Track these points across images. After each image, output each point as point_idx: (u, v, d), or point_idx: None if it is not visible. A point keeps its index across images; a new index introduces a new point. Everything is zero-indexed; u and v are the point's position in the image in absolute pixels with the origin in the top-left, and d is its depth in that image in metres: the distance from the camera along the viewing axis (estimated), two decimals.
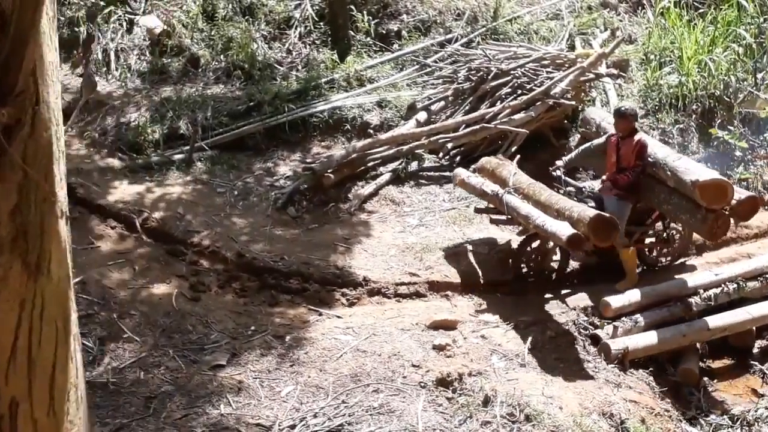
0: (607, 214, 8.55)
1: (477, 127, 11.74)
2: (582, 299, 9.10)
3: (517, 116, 11.86)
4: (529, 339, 8.16)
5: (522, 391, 7.16)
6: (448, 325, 8.36)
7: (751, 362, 8.98)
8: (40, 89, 1.59)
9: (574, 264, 9.68)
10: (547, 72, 12.61)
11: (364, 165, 11.47)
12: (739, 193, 8.91)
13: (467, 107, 12.44)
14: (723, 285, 9.16)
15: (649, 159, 9.18)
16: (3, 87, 1.44)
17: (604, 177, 9.46)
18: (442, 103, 12.71)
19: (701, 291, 9.03)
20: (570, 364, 7.97)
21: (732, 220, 9.06)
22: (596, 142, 9.84)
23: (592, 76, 12.74)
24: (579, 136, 11.97)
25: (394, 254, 9.77)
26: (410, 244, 9.96)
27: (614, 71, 13.22)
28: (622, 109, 9.39)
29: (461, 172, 10.28)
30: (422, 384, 7.21)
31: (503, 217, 9.52)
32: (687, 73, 12.71)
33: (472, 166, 10.52)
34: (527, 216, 8.90)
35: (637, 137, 9.22)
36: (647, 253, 9.79)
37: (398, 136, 11.83)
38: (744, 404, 8.29)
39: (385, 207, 10.97)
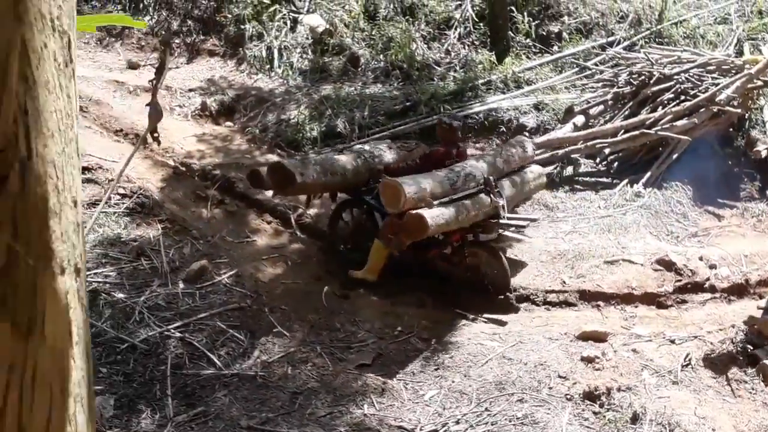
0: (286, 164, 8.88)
1: (636, 132, 11.45)
2: None
3: (679, 123, 11.49)
4: (683, 356, 7.86)
5: (673, 409, 6.90)
6: (597, 337, 8.15)
7: None
8: (32, 143, 1.50)
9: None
10: (713, 78, 12.17)
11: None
12: (414, 209, 8.17)
13: (627, 112, 12.18)
14: None
15: None
16: None
17: None
18: (601, 107, 12.49)
19: None
20: (725, 384, 7.62)
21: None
22: None
23: (760, 83, 12.20)
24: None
25: (544, 260, 9.61)
26: (562, 250, 9.78)
27: None
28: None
29: None
30: (568, 396, 7.06)
31: None
32: None
33: None
34: None
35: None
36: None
37: (554, 139, 11.68)
38: None
39: (537, 211, 10.80)
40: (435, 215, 8.15)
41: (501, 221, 8.84)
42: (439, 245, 8.98)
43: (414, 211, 8.10)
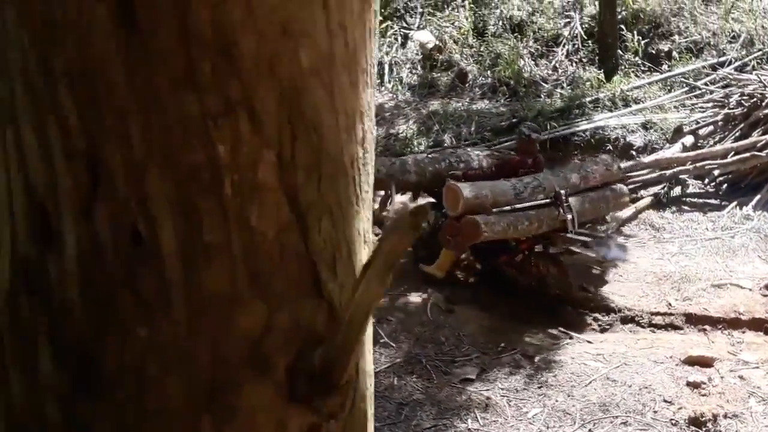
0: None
1: (747, 155, 11.28)
2: None
3: None
4: None
5: None
6: (704, 362, 8.07)
7: None
8: (360, 363, 1.55)
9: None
10: None
11: None
12: (471, 214, 8.36)
13: (737, 134, 11.99)
14: None
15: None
16: (330, 380, 1.42)
17: None
18: (711, 127, 12.34)
19: None
20: None
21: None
22: None
23: None
24: None
25: (650, 282, 9.55)
26: (668, 272, 9.70)
27: None
28: None
29: None
30: (673, 421, 7.03)
31: None
32: None
33: None
34: None
35: None
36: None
37: (662, 159, 11.60)
38: None
39: (643, 232, 10.76)
40: (490, 222, 8.34)
41: (568, 235, 8.94)
42: (509, 252, 9.09)
43: (470, 216, 8.34)
